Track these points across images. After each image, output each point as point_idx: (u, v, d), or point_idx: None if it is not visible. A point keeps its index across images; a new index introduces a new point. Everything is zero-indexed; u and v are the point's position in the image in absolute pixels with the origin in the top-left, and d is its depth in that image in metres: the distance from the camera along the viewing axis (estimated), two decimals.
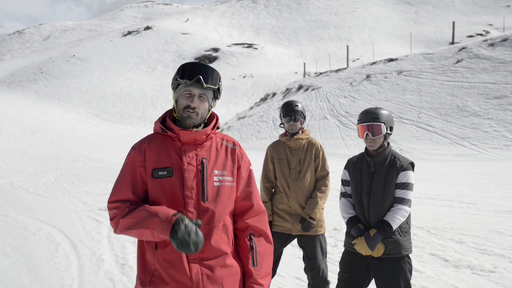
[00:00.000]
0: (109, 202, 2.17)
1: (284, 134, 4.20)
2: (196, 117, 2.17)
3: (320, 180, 4.09)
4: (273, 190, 4.22)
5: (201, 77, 2.12)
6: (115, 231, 2.16)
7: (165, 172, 2.13)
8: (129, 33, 74.65)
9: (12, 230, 7.89)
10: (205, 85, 2.13)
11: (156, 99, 45.24)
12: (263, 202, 4.10)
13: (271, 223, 4.06)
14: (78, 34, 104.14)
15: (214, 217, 2.15)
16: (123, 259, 5.85)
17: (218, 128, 2.28)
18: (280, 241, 4.05)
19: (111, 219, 2.16)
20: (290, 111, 4.10)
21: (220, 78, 2.22)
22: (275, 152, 4.19)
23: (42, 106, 42.41)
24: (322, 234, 4.06)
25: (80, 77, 55.23)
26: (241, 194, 2.28)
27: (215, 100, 2.27)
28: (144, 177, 2.17)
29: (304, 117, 4.17)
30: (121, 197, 2.15)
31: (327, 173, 4.12)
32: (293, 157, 4.10)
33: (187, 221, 1.98)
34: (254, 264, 2.21)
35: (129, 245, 6.48)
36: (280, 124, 4.24)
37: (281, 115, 4.17)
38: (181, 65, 2.22)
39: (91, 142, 28.97)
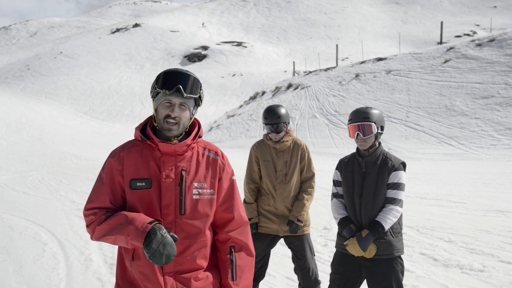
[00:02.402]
0: (86, 209, 2.13)
1: (268, 137, 4.11)
2: (178, 128, 2.10)
3: (306, 182, 4.06)
4: (258, 190, 4.14)
5: (180, 86, 2.05)
6: (91, 238, 2.12)
7: (143, 184, 2.09)
8: (118, 30, 74.03)
9: None
10: (185, 94, 2.06)
11: (145, 97, 44.95)
12: (248, 203, 4.06)
13: (257, 225, 4.02)
14: (66, 31, 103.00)
15: (192, 231, 2.12)
16: (112, 259, 5.79)
17: (200, 136, 2.21)
18: (267, 242, 4.02)
19: (87, 226, 2.11)
20: (272, 122, 3.97)
21: (201, 86, 2.16)
22: (260, 153, 4.10)
23: (29, 104, 41.89)
24: (308, 234, 4.06)
25: (67, 74, 54.63)
26: (221, 206, 2.24)
27: (197, 107, 2.19)
28: (122, 185, 2.13)
29: (288, 123, 4.07)
30: (99, 205, 2.11)
31: (313, 175, 4.09)
32: (279, 159, 4.03)
33: (164, 231, 1.94)
34: (233, 278, 2.18)
35: None
36: (264, 129, 4.14)
37: (263, 123, 4.06)
38: (160, 74, 2.14)
39: (78, 140, 28.68)
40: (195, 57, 58.47)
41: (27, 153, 22.28)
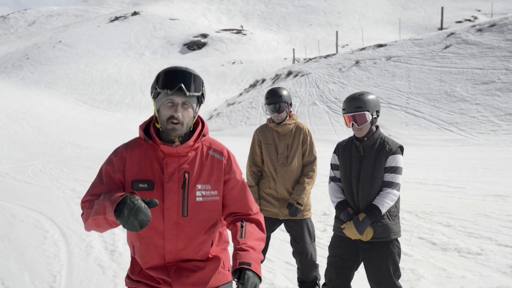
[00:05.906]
0: (82, 201, 2.11)
1: (271, 120, 4.13)
2: (182, 128, 2.05)
3: (308, 165, 4.07)
4: (260, 174, 4.19)
5: (182, 85, 1.99)
6: (84, 227, 2.10)
7: (146, 185, 2.07)
8: (116, 18, 73.57)
9: None
10: (187, 93, 2.01)
11: (145, 86, 44.80)
12: (250, 186, 4.08)
13: None
14: (64, 19, 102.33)
15: (194, 232, 2.12)
16: (113, 246, 5.83)
17: (204, 135, 2.17)
18: (267, 225, 4.05)
19: (81, 215, 2.10)
20: (274, 101, 3.98)
21: (203, 83, 2.09)
22: (263, 136, 4.13)
23: (29, 93, 41.78)
24: (309, 218, 4.07)
25: (67, 63, 54.41)
26: (236, 203, 2.20)
27: (200, 105, 2.14)
28: (122, 182, 2.11)
29: (290, 104, 4.07)
30: (95, 198, 2.08)
31: (315, 158, 4.09)
32: (281, 142, 4.05)
33: (135, 198, 1.83)
34: (241, 236, 2.08)
35: (118, 231, 6.45)
36: (266, 111, 4.15)
37: (265, 104, 4.06)
38: (160, 73, 2.08)
39: (79, 129, 28.67)
40: (195, 45, 58.17)
41: (27, 142, 22.30)
